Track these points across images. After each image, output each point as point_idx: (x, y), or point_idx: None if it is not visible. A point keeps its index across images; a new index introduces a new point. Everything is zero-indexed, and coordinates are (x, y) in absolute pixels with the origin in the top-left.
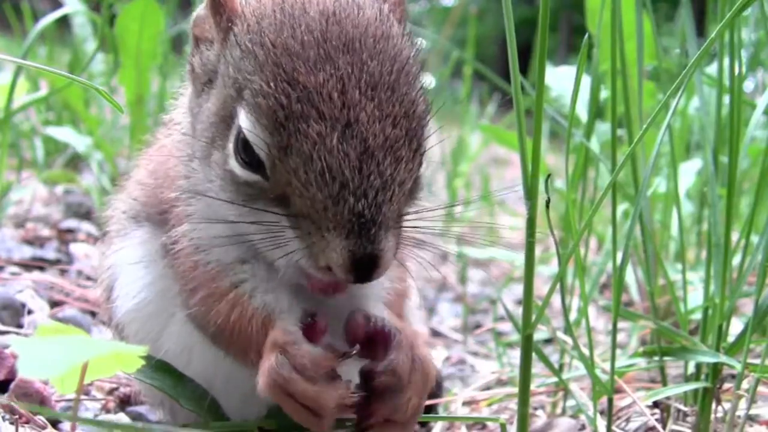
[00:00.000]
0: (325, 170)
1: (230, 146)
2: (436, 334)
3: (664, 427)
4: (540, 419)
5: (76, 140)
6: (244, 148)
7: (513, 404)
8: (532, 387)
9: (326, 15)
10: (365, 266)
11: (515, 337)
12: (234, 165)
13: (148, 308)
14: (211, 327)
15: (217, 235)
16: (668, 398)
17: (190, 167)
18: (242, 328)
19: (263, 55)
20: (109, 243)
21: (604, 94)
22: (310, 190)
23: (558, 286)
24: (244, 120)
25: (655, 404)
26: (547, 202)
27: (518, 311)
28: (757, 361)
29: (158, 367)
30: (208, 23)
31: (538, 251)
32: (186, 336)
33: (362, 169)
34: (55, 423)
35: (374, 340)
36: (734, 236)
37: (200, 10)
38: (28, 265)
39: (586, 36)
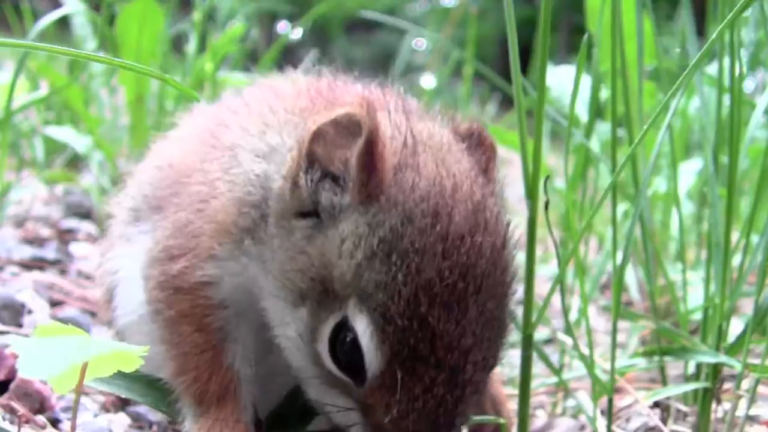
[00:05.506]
0: (423, 412)
1: (326, 332)
2: None
3: (664, 427)
4: (540, 419)
5: (76, 140)
6: (349, 350)
7: (513, 404)
8: (532, 387)
9: (467, 243)
10: None
11: (515, 337)
12: (325, 352)
13: (150, 325)
14: (169, 337)
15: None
16: (668, 398)
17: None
18: (205, 375)
19: (404, 275)
20: (111, 244)
21: (605, 94)
22: (403, 422)
23: (558, 287)
24: (362, 330)
25: (656, 404)
26: (546, 204)
27: (518, 311)
28: (757, 361)
29: (125, 375)
30: (342, 159)
31: (538, 251)
32: None
33: (453, 412)
34: (55, 423)
35: None
36: (734, 236)
37: (328, 127)
38: (28, 265)
39: (586, 36)
